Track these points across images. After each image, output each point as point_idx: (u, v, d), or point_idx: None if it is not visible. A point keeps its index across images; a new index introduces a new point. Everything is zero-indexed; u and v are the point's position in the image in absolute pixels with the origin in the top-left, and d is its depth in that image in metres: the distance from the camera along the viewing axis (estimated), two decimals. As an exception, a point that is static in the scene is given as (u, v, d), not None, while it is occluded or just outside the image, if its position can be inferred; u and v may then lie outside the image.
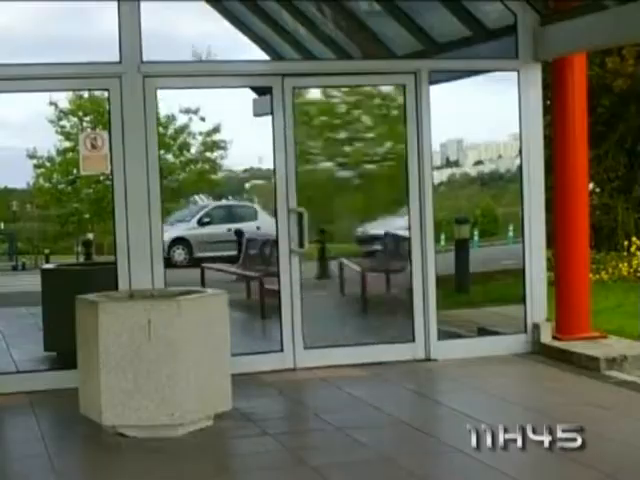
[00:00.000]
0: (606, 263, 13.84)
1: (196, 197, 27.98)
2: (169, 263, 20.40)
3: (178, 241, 23.17)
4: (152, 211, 8.08)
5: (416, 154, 8.70)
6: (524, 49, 8.79)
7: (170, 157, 31.06)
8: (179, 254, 22.80)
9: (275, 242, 8.56)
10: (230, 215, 22.48)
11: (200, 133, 27.52)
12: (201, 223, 21.82)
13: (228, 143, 27.50)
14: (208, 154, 27.54)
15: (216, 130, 26.51)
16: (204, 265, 15.07)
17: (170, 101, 28.85)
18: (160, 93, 8.21)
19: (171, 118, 30.98)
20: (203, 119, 26.79)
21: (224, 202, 25.66)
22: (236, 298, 9.75)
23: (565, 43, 8.57)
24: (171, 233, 23.54)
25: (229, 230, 19.35)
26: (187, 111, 27.20)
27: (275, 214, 8.58)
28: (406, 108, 8.78)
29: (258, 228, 20.91)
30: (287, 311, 8.49)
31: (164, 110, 30.83)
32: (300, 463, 5.94)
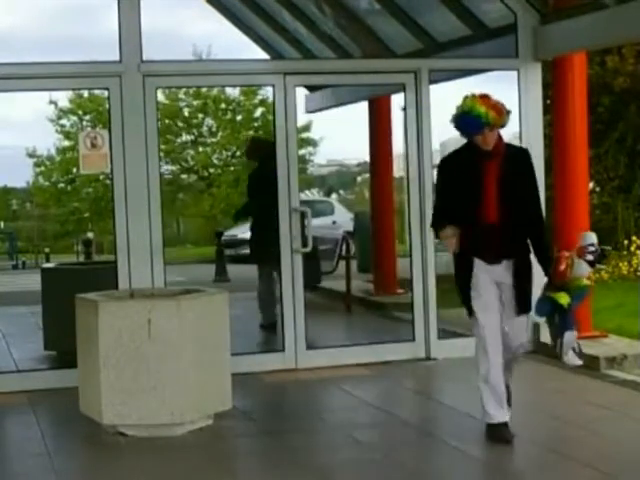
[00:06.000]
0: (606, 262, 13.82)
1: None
2: (246, 259, 20.38)
3: None
4: (152, 210, 8.07)
5: (416, 153, 8.70)
6: (524, 48, 8.78)
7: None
8: None
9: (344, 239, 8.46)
10: (308, 210, 22.70)
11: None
12: None
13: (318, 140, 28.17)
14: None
15: (306, 129, 26.41)
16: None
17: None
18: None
19: None
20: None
21: (302, 197, 26.05)
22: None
23: (565, 42, 8.57)
24: (246, 230, 23.35)
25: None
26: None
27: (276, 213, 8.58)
28: (406, 107, 8.78)
29: (334, 222, 20.74)
30: (289, 311, 8.48)
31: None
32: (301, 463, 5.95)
